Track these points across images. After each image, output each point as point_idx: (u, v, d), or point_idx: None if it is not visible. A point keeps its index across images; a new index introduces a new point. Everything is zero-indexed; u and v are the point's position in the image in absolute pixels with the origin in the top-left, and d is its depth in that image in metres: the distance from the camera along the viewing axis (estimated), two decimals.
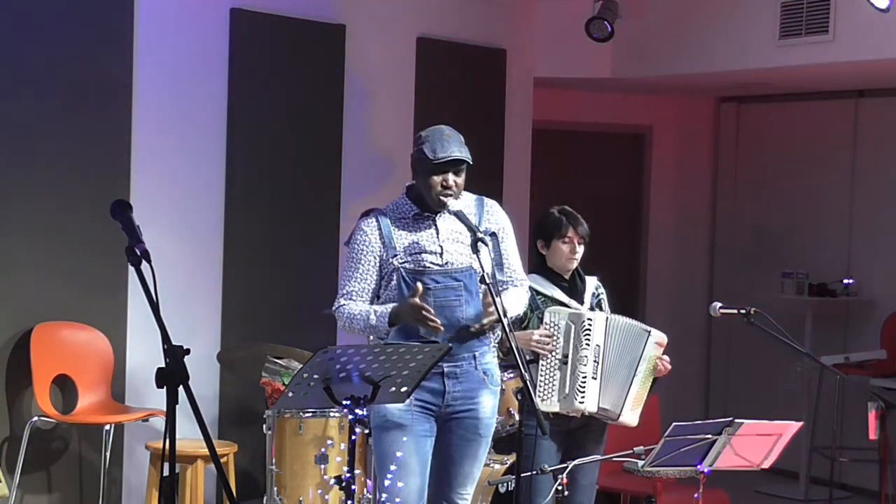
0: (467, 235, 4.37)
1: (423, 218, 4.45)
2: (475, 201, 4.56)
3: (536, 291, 4.88)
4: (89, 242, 5.92)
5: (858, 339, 8.17)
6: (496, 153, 7.91)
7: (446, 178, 4.39)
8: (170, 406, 3.12)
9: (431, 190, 4.39)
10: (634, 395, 4.80)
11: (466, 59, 7.69)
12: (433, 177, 4.38)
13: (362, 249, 4.43)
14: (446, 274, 4.39)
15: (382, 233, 4.41)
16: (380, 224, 4.42)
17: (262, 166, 6.67)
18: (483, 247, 4.22)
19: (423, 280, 4.33)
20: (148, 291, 3.19)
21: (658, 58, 7.90)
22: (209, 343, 6.30)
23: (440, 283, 4.37)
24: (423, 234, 4.42)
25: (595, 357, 4.73)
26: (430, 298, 4.32)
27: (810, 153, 8.69)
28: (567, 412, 4.76)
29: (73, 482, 6.04)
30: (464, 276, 4.41)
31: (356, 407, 3.86)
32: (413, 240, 4.41)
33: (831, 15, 6.82)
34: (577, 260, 4.92)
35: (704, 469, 4.49)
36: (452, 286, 4.39)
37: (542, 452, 4.70)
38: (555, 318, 4.79)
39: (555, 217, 4.94)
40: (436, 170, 4.37)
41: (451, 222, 4.45)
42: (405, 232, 4.43)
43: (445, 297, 4.37)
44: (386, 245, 4.40)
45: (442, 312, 4.31)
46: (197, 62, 6.44)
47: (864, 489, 7.87)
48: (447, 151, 4.37)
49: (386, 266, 4.40)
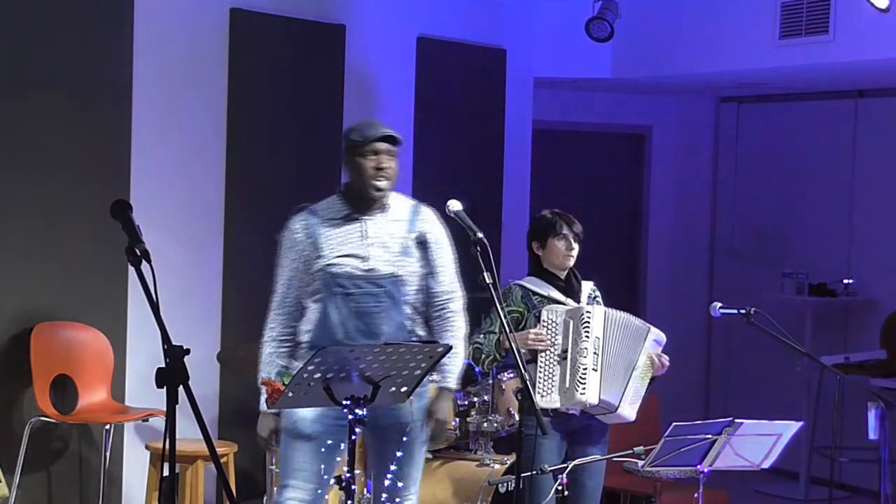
0: (398, 241, 4.35)
1: (352, 220, 4.38)
2: (410, 206, 4.50)
3: (532, 292, 4.90)
4: (89, 242, 5.92)
5: (858, 339, 8.17)
6: (496, 153, 7.92)
7: (379, 160, 4.35)
8: (170, 406, 3.11)
9: (365, 175, 4.33)
10: (634, 390, 4.81)
11: (466, 59, 7.69)
12: (366, 161, 4.34)
13: (290, 247, 4.40)
14: (368, 280, 4.33)
15: (310, 232, 4.36)
16: (308, 222, 4.38)
17: (262, 166, 6.67)
18: (481, 249, 4.20)
19: (344, 283, 4.30)
20: (148, 291, 3.19)
21: (658, 58, 7.90)
22: (209, 343, 6.29)
23: (361, 289, 4.31)
24: (350, 236, 4.36)
25: (595, 349, 4.73)
26: (351, 304, 4.29)
27: (810, 153, 8.69)
28: (568, 407, 4.76)
29: (73, 482, 6.04)
30: (387, 283, 4.34)
31: (356, 407, 3.85)
32: (339, 241, 4.35)
33: (831, 15, 6.82)
34: (573, 258, 4.92)
35: (704, 469, 4.49)
36: (373, 292, 4.32)
37: (545, 453, 4.70)
38: (552, 316, 4.79)
39: (548, 217, 4.96)
40: (368, 152, 4.34)
41: (381, 226, 4.39)
42: (333, 232, 4.36)
43: (365, 304, 4.31)
44: (313, 244, 4.35)
45: (362, 319, 4.29)
46: (197, 62, 6.44)
47: (864, 489, 7.87)
48: (377, 130, 4.37)
49: (311, 265, 4.35)
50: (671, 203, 9.45)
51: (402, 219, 4.44)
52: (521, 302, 4.90)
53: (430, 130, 7.51)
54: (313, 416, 4.31)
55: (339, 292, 4.32)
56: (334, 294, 4.32)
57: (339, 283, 4.31)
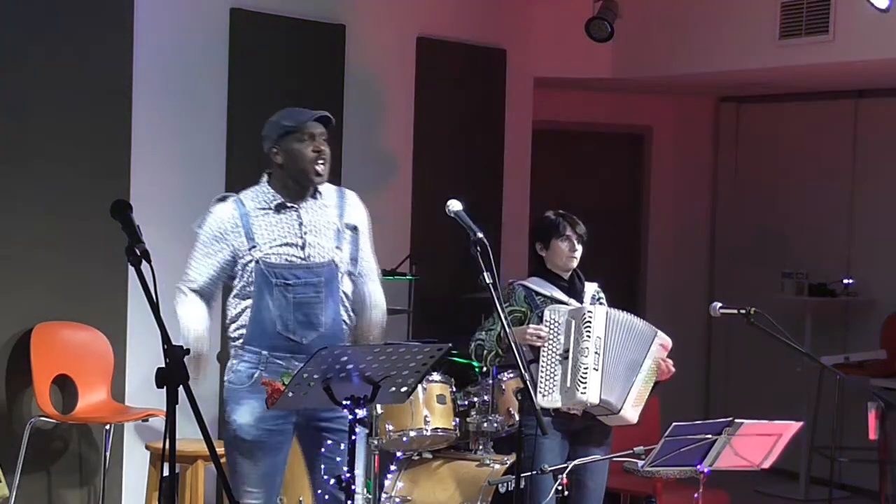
0: (332, 227, 4.30)
1: (286, 208, 4.31)
2: (336, 192, 4.44)
3: (535, 292, 4.89)
4: (89, 242, 5.92)
5: (858, 339, 8.17)
6: (496, 153, 7.92)
7: (317, 145, 4.29)
8: (170, 406, 3.12)
9: (304, 161, 4.26)
10: (637, 393, 4.80)
11: (466, 59, 7.69)
12: (302, 147, 4.28)
13: (216, 236, 4.30)
14: (308, 269, 4.25)
15: (240, 222, 4.28)
16: (238, 212, 4.30)
17: (262, 166, 6.65)
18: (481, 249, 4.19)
19: (282, 274, 4.21)
20: (148, 291, 3.19)
21: (658, 58, 7.90)
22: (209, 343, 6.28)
23: (300, 279, 4.23)
24: (285, 226, 4.28)
25: (596, 349, 4.72)
26: (289, 295, 4.21)
27: (810, 153, 8.69)
28: (569, 407, 4.75)
29: (73, 482, 6.04)
30: (324, 272, 4.27)
31: (356, 407, 3.85)
32: (275, 231, 4.27)
33: (831, 15, 6.82)
34: (577, 259, 4.92)
35: (704, 469, 4.49)
36: (313, 282, 4.25)
37: (546, 453, 4.70)
38: (555, 316, 4.79)
39: (551, 218, 4.96)
40: (304, 136, 4.28)
41: (315, 213, 4.32)
42: (266, 221, 4.28)
43: (305, 294, 4.24)
44: (244, 234, 4.27)
45: (300, 310, 4.22)
46: (197, 62, 6.44)
47: (864, 489, 7.87)
48: (309, 114, 4.33)
49: (241, 257, 4.26)
50: (671, 203, 9.45)
51: (331, 204, 4.38)
52: (523, 302, 4.90)
53: (430, 130, 7.51)
54: (251, 421, 4.23)
55: (278, 283, 4.22)
56: (272, 286, 4.22)
57: (277, 273, 4.22)
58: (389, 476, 5.81)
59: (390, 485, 5.76)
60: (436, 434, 5.67)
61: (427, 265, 7.01)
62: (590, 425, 4.86)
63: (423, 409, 5.63)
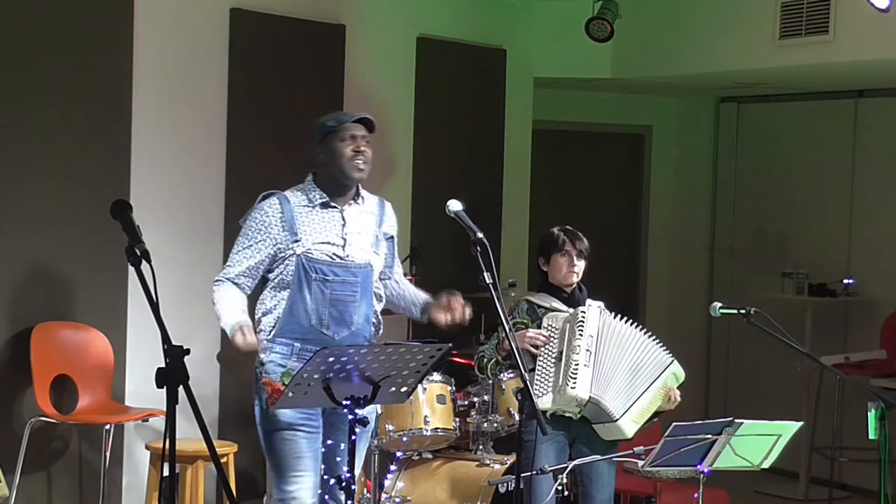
0: (372, 231, 4.44)
1: (330, 207, 4.43)
2: (377, 201, 4.58)
3: (537, 304, 4.95)
4: (89, 242, 5.92)
5: (858, 339, 8.17)
6: (496, 153, 7.92)
7: (357, 144, 4.39)
8: (170, 406, 3.12)
9: (342, 158, 4.38)
10: (640, 408, 4.79)
11: (466, 59, 7.69)
12: (342, 145, 4.38)
13: (259, 229, 4.40)
14: (346, 268, 4.38)
15: (285, 216, 4.38)
16: (283, 207, 4.40)
17: (261, 166, 6.67)
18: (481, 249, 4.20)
19: (322, 270, 4.32)
20: (148, 291, 3.19)
21: (658, 58, 7.90)
22: (209, 343, 6.29)
23: (339, 277, 4.37)
24: (328, 224, 4.41)
25: (588, 346, 4.74)
26: (326, 291, 4.33)
27: (810, 153, 8.69)
28: (562, 408, 4.74)
29: (73, 482, 6.04)
30: (361, 273, 4.41)
31: (356, 407, 3.85)
32: (318, 228, 4.39)
33: (831, 15, 6.81)
34: (577, 274, 4.94)
35: (704, 469, 4.49)
36: (350, 281, 4.38)
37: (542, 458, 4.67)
38: (553, 322, 4.84)
39: (553, 233, 5.01)
40: (345, 135, 4.38)
41: (357, 215, 4.46)
42: (310, 219, 4.40)
43: (342, 292, 4.36)
44: (287, 229, 4.37)
45: (335, 306, 4.33)
46: (197, 62, 6.44)
47: (864, 489, 7.87)
48: (352, 114, 4.44)
49: (283, 251, 4.37)
50: (671, 203, 9.45)
51: (372, 212, 4.52)
52: (525, 314, 4.96)
53: (430, 130, 7.51)
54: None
55: (317, 279, 4.34)
56: (310, 280, 4.33)
57: (317, 269, 4.34)
58: (389, 476, 5.81)
59: (390, 485, 5.76)
60: (436, 434, 5.67)
61: (427, 265, 7.01)
62: (590, 432, 4.84)
63: (424, 409, 5.63)
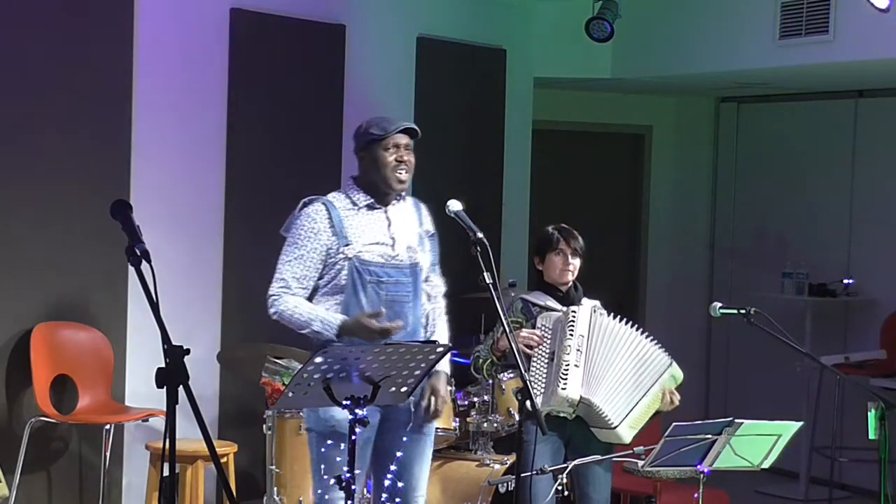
0: (416, 230, 4.45)
1: (375, 208, 4.44)
2: (412, 202, 4.59)
3: (532, 303, 4.94)
4: (89, 243, 5.92)
5: (858, 339, 8.17)
6: (496, 153, 7.92)
7: (400, 154, 4.40)
8: (170, 406, 3.12)
9: (386, 168, 4.39)
10: (638, 414, 4.78)
11: (466, 59, 7.69)
12: (386, 154, 4.39)
13: (308, 236, 4.36)
14: (398, 268, 4.39)
15: (333, 221, 4.36)
16: (330, 212, 4.38)
17: (262, 166, 6.68)
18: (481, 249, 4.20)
19: (376, 272, 4.33)
20: (148, 291, 3.19)
21: (658, 58, 7.90)
22: (209, 343, 6.29)
23: (392, 277, 4.38)
24: (375, 225, 4.41)
25: (578, 346, 4.73)
26: (381, 292, 4.33)
27: (810, 153, 8.69)
28: (555, 409, 4.74)
29: (73, 482, 6.04)
30: (410, 272, 4.42)
31: (356, 407, 3.85)
32: (366, 230, 4.39)
33: (831, 15, 6.81)
34: (572, 272, 4.93)
35: (704, 469, 4.48)
36: (403, 281, 4.40)
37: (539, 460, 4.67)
38: (546, 322, 4.84)
39: (548, 232, 5.01)
40: (388, 144, 4.39)
41: (401, 214, 4.47)
42: (357, 221, 4.39)
43: (397, 292, 4.38)
44: (336, 234, 4.35)
45: (391, 307, 4.32)
46: (197, 62, 6.44)
47: (864, 489, 7.87)
48: (396, 123, 4.43)
49: (334, 255, 4.35)
50: (671, 203, 9.45)
51: (410, 212, 4.53)
52: (520, 313, 4.96)
53: (430, 130, 7.48)
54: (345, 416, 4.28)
55: (371, 280, 4.35)
56: (365, 283, 4.34)
57: (371, 271, 4.34)
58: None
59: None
60: (436, 434, 5.66)
61: None
62: (588, 434, 4.83)
63: None
